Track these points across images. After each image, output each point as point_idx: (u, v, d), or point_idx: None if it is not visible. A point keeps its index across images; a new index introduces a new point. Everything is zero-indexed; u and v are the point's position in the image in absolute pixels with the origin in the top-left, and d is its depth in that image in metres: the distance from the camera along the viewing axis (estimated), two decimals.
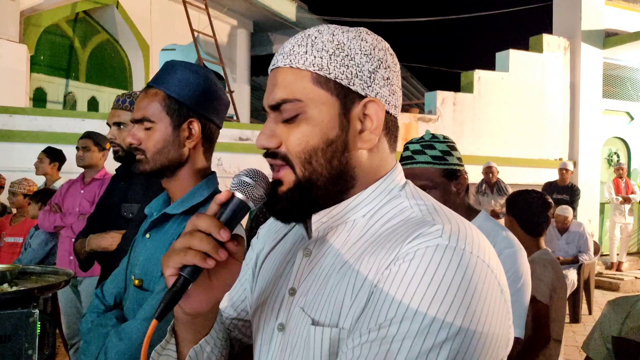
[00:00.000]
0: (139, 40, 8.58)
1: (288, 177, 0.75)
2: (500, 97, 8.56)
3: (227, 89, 8.09)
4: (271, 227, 0.94)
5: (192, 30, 7.87)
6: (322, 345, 0.69)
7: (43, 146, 4.57)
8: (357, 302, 0.67)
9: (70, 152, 4.42)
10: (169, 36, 9.07)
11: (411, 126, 7.69)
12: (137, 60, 8.75)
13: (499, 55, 8.85)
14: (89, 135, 3.39)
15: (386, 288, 0.64)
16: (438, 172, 1.59)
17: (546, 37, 8.99)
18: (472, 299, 0.62)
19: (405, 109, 9.64)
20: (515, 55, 8.70)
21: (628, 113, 9.85)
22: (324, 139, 0.73)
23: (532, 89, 8.81)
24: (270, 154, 0.76)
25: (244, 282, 0.93)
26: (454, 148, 1.65)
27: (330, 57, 0.73)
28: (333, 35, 0.75)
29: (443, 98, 8.13)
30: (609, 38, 9.19)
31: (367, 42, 0.75)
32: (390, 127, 0.79)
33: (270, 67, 0.78)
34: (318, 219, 0.77)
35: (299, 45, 0.75)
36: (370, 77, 0.74)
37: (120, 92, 7.80)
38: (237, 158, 6.30)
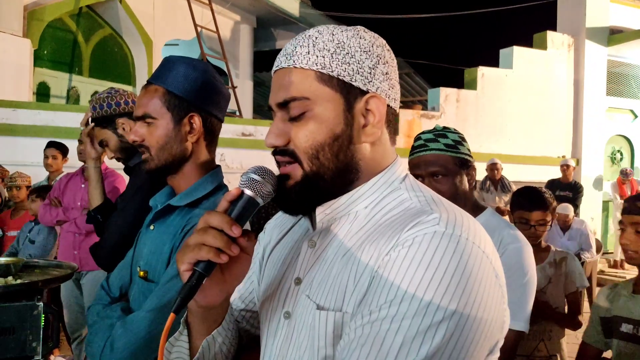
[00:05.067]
0: (142, 35, 8.58)
1: (295, 172, 0.77)
2: (504, 94, 8.54)
3: (230, 85, 8.09)
4: (277, 221, 0.98)
5: (195, 26, 7.87)
6: (327, 328, 0.72)
7: (46, 140, 4.53)
8: (359, 287, 0.71)
9: (73, 146, 4.42)
10: (172, 31, 9.07)
11: (414, 123, 7.65)
12: (140, 55, 8.75)
13: (502, 52, 8.82)
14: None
15: (386, 273, 0.68)
16: (451, 159, 1.59)
17: (550, 34, 8.96)
18: (467, 283, 0.65)
19: (408, 105, 9.63)
20: (519, 52, 8.68)
21: (632, 111, 9.82)
22: (331, 135, 0.76)
23: (535, 86, 8.79)
24: (279, 151, 0.78)
25: (252, 275, 0.96)
26: (464, 140, 1.67)
27: (332, 56, 0.76)
28: (333, 34, 0.78)
29: (446, 95, 8.11)
30: (613, 35, 9.15)
31: (365, 39, 0.79)
32: (391, 119, 0.82)
33: (274, 68, 0.82)
34: (322, 211, 0.80)
35: (301, 46, 0.78)
36: (370, 73, 0.77)
37: (123, 87, 7.82)
38: (240, 154, 6.31)
